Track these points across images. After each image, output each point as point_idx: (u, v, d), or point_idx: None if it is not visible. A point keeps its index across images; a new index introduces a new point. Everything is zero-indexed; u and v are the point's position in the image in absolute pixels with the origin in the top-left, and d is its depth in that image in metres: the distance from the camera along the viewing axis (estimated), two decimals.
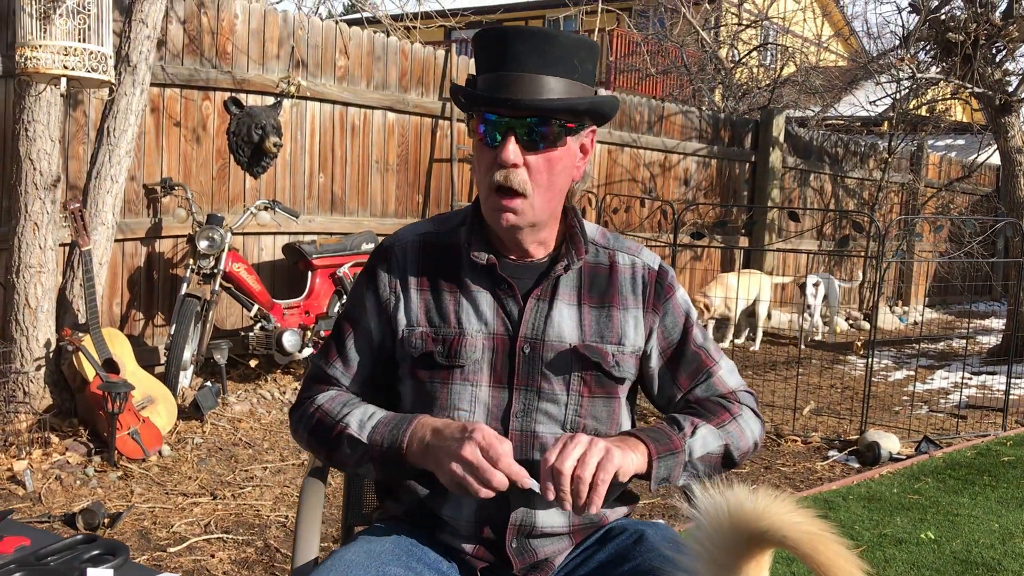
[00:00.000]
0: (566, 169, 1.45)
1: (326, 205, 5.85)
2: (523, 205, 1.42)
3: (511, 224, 1.43)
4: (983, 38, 7.58)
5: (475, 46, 1.46)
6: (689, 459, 1.43)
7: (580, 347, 1.47)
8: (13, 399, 3.97)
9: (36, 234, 3.97)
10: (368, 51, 5.96)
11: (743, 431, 1.50)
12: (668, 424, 1.46)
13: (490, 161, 1.41)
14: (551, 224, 1.51)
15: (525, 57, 1.38)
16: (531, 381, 1.46)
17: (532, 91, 1.38)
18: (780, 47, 13.31)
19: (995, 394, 6.54)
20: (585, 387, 1.47)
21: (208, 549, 3.20)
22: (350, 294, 1.58)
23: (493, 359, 1.46)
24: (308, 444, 1.53)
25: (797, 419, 5.51)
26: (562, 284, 1.50)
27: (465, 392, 1.45)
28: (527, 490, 1.31)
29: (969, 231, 9.27)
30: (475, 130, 1.43)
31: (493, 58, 1.41)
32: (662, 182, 8.47)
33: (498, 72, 1.40)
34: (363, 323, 1.52)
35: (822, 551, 1.02)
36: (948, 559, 3.32)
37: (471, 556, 1.45)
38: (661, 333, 1.54)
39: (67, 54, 3.41)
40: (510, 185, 1.40)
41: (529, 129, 1.39)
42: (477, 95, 1.40)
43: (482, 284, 1.49)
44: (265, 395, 5.04)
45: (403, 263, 1.52)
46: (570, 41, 1.41)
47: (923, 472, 4.45)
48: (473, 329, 1.46)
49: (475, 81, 1.44)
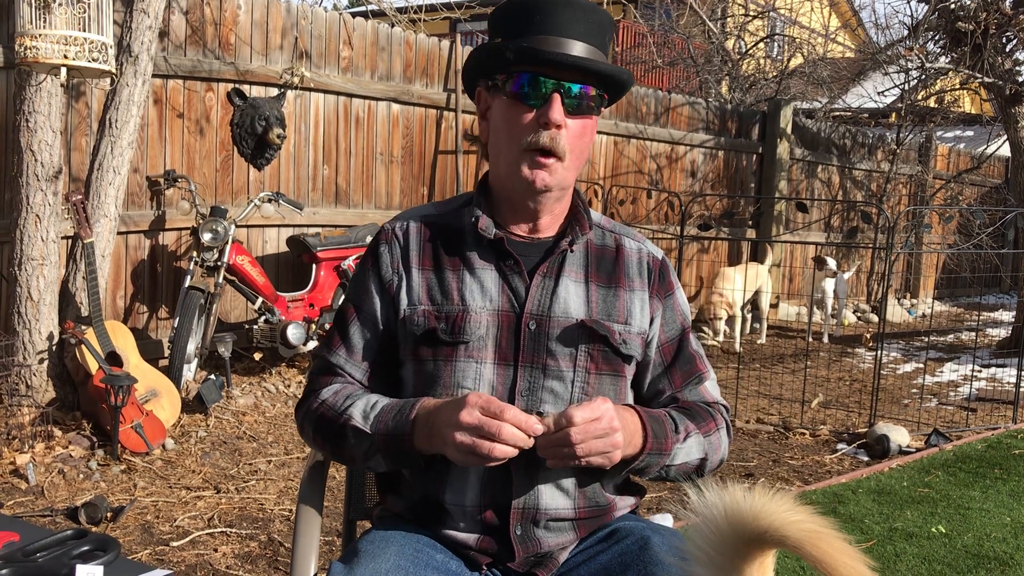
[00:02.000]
0: (590, 141, 1.48)
1: (330, 197, 5.81)
2: (557, 166, 1.42)
3: (544, 184, 1.42)
4: (993, 27, 7.51)
5: (504, 15, 1.45)
6: (669, 463, 1.44)
7: (587, 321, 1.46)
8: (16, 392, 3.95)
9: (38, 226, 3.94)
10: (372, 42, 5.92)
11: (719, 445, 1.52)
12: (669, 420, 1.45)
13: (528, 121, 1.41)
14: (568, 195, 1.52)
15: (570, 24, 1.40)
16: (536, 358, 1.44)
17: (583, 55, 1.40)
18: (787, 38, 13.23)
19: (1005, 387, 6.49)
20: (592, 363, 1.46)
21: (211, 543, 3.18)
22: (352, 280, 1.56)
23: (498, 335, 1.44)
24: (314, 440, 1.50)
25: (805, 412, 5.47)
26: (568, 262, 1.49)
27: (469, 369, 1.43)
28: (529, 469, 1.34)
29: (979, 222, 9.19)
30: (507, 90, 1.42)
31: (534, 23, 1.41)
32: (669, 174, 8.41)
33: (541, 35, 1.40)
34: (366, 307, 1.50)
35: (825, 549, 0.98)
36: (960, 553, 3.28)
37: (476, 550, 1.41)
38: (661, 325, 1.54)
39: (67, 44, 3.38)
40: (554, 147, 1.40)
41: (575, 93, 1.40)
42: (532, 49, 1.38)
43: (487, 260, 1.47)
44: (269, 388, 5.01)
45: (405, 243, 1.50)
46: (606, 17, 1.44)
47: (933, 465, 4.41)
48: (477, 305, 1.44)
49: (500, 44, 1.42)
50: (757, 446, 4.79)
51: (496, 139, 1.47)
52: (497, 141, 1.46)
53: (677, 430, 1.45)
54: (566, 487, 1.42)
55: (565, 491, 1.42)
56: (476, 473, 1.40)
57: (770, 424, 5.16)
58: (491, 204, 1.51)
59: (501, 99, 1.43)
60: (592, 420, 1.29)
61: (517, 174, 1.42)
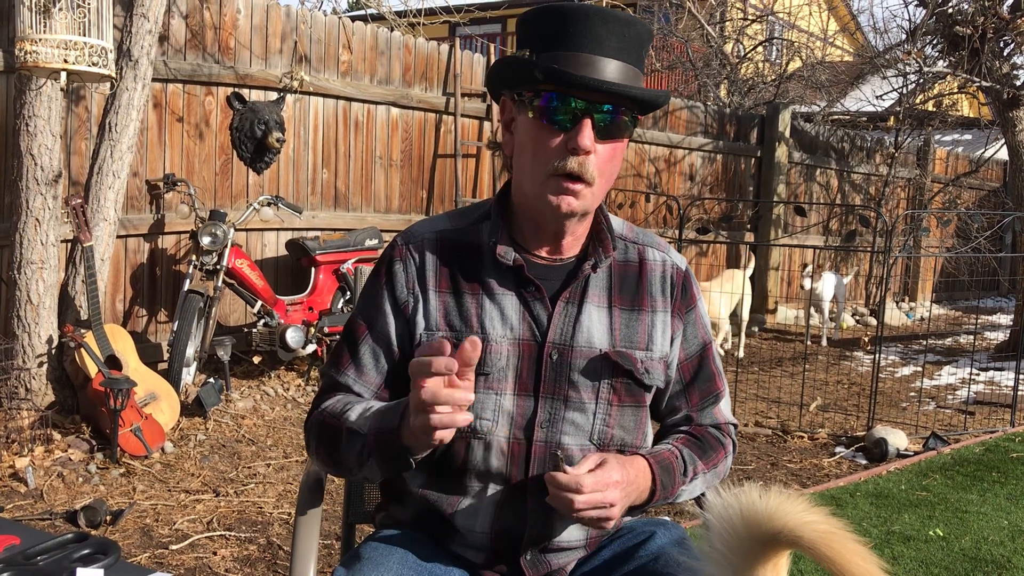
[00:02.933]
0: (620, 163, 1.40)
1: (329, 201, 5.82)
2: (585, 191, 1.34)
3: (570, 209, 1.34)
4: (991, 31, 7.52)
5: (535, 23, 1.35)
6: (672, 501, 1.44)
7: (612, 353, 1.41)
8: (15, 396, 3.95)
9: (37, 230, 3.95)
10: (371, 46, 5.93)
11: (723, 472, 1.52)
12: (680, 463, 1.44)
13: (556, 145, 1.32)
14: (590, 216, 1.44)
15: (606, 40, 1.30)
16: (558, 389, 1.39)
17: (612, 74, 1.31)
18: (786, 42, 13.25)
19: (1003, 390, 6.50)
20: (615, 395, 1.41)
21: (210, 546, 3.18)
22: (362, 296, 1.48)
23: (519, 366, 1.38)
24: (317, 453, 1.43)
25: (804, 415, 5.47)
26: (592, 285, 1.43)
27: (488, 401, 1.37)
28: (545, 502, 1.31)
29: (977, 226, 9.20)
30: (533, 110, 1.33)
31: (565, 37, 1.31)
32: (667, 177, 8.43)
33: (572, 52, 1.30)
34: (379, 325, 1.42)
35: (839, 551, 0.98)
36: (957, 556, 3.29)
37: (482, 566, 1.41)
38: (682, 343, 1.50)
39: (67, 48, 3.39)
40: (583, 173, 1.32)
41: (606, 116, 1.31)
42: (563, 72, 1.28)
43: (507, 286, 1.40)
44: (268, 392, 5.02)
45: (421, 261, 1.42)
46: (644, 30, 1.35)
47: (931, 468, 4.42)
48: (498, 335, 1.38)
49: (528, 60, 1.33)
50: (755, 449, 4.80)
51: (521, 157, 1.38)
52: (522, 159, 1.38)
53: (686, 472, 1.43)
54: None
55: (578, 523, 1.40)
56: (491, 500, 1.38)
57: (768, 427, 5.17)
58: (510, 221, 1.44)
59: (527, 116, 1.35)
60: (595, 475, 1.28)
61: (543, 197, 1.34)
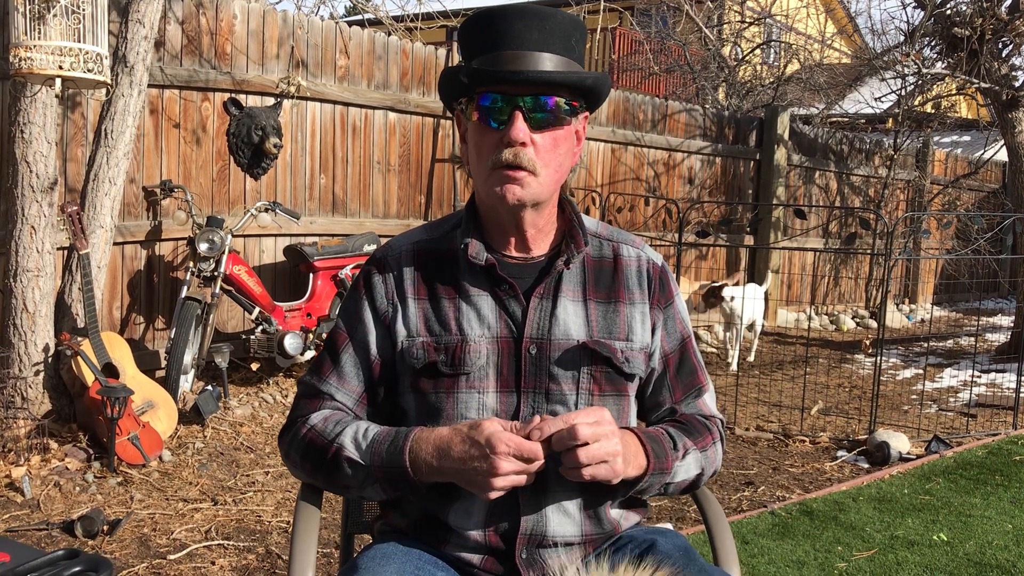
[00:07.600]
0: (569, 151, 1.43)
1: (327, 206, 5.80)
2: (529, 179, 1.37)
3: (517, 198, 1.38)
4: (989, 33, 7.51)
5: (465, 33, 1.42)
6: (670, 480, 1.43)
7: (589, 342, 1.43)
8: (11, 405, 3.93)
9: (33, 237, 3.92)
10: (369, 50, 5.91)
11: (715, 459, 1.52)
12: (667, 439, 1.44)
13: (494, 142, 1.37)
14: (550, 208, 1.47)
15: (525, 34, 1.35)
16: (539, 383, 1.41)
17: (536, 66, 1.35)
18: (784, 44, 13.24)
19: (1005, 392, 6.47)
20: (595, 385, 1.43)
21: (209, 556, 3.15)
22: (342, 307, 1.52)
23: (499, 363, 1.41)
24: (302, 467, 1.45)
25: (805, 419, 5.45)
26: (565, 280, 1.46)
27: (472, 400, 1.40)
28: (539, 489, 1.34)
29: (977, 227, 9.19)
30: (472, 114, 1.38)
31: (489, 39, 1.37)
32: (666, 181, 8.41)
33: (496, 52, 1.36)
34: (359, 335, 1.47)
35: None
36: (962, 561, 3.26)
37: (479, 569, 1.40)
38: (663, 336, 1.52)
39: (62, 54, 3.36)
40: (519, 163, 1.36)
41: (535, 105, 1.35)
42: (482, 70, 1.35)
43: (481, 286, 1.44)
44: (267, 399, 4.99)
45: (398, 272, 1.47)
46: (566, 20, 1.38)
47: (934, 472, 4.39)
48: (476, 334, 1.41)
49: (457, 67, 1.39)
50: (757, 454, 4.77)
51: (472, 161, 1.44)
52: (472, 163, 1.43)
53: (676, 447, 1.44)
54: (572, 512, 1.40)
55: (571, 516, 1.40)
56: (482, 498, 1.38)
57: (770, 431, 5.15)
58: (480, 225, 1.47)
59: (471, 122, 1.40)
60: (593, 424, 1.29)
61: (491, 192, 1.39)
